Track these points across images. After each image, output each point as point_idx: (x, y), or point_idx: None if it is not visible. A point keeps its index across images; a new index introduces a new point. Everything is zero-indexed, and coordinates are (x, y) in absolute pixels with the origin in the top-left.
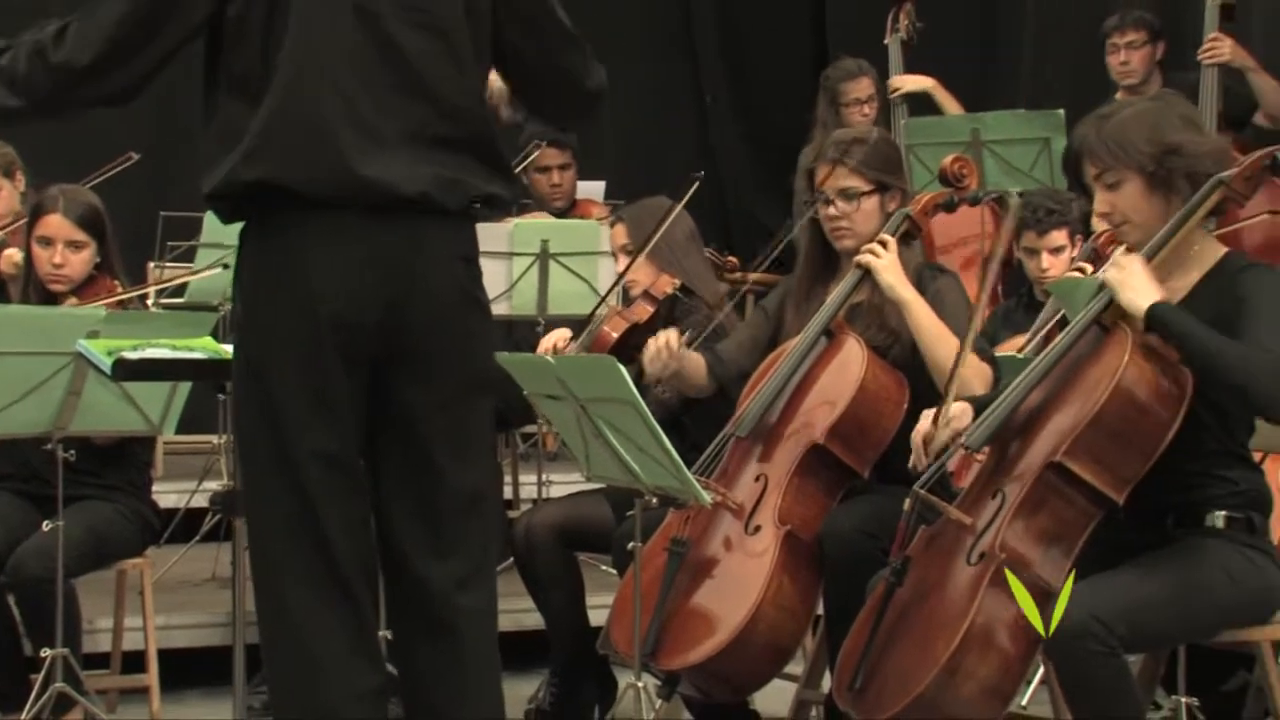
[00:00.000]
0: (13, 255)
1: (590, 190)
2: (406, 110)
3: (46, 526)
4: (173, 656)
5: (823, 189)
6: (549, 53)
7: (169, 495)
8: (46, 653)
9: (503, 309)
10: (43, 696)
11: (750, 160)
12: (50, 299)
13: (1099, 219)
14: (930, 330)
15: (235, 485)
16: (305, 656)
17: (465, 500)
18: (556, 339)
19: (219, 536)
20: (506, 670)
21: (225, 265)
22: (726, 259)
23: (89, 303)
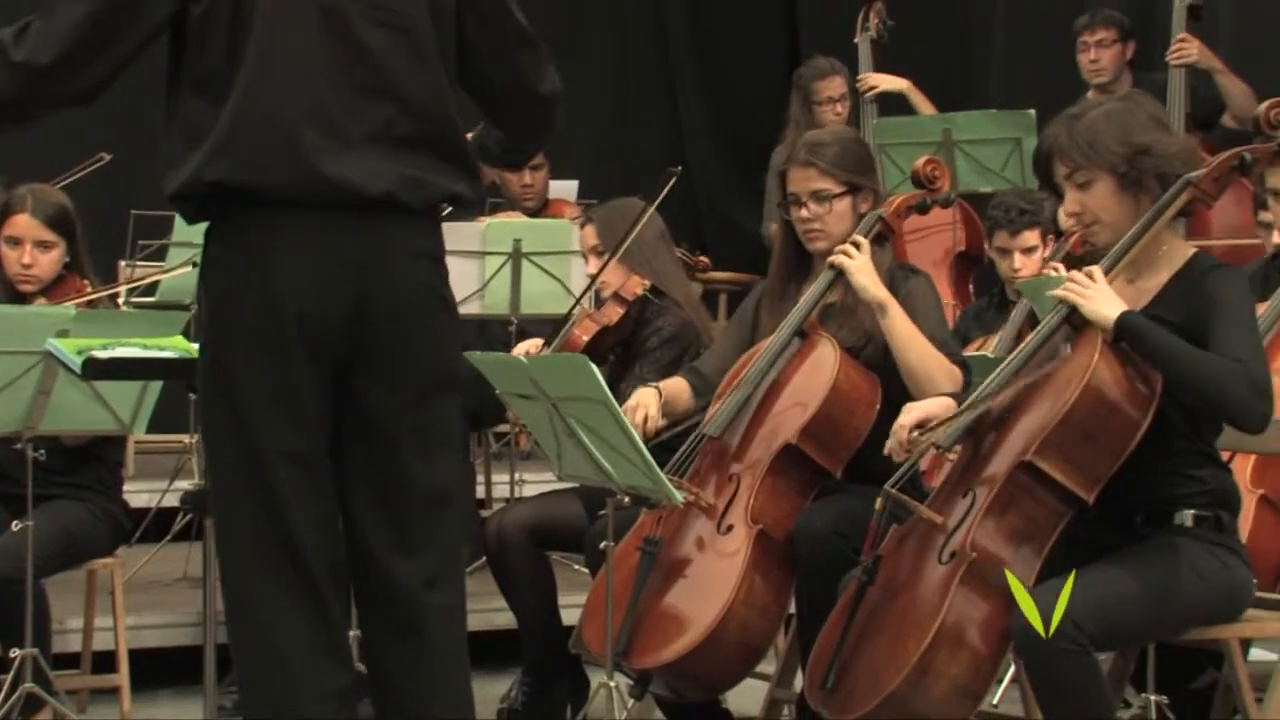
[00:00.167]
0: None
1: (563, 190)
2: (372, 109)
3: (16, 526)
4: (143, 656)
5: (794, 191)
6: (504, 53)
7: (140, 495)
8: (16, 653)
9: (475, 308)
10: (12, 697)
11: (723, 159)
12: (19, 299)
13: (1069, 218)
14: (903, 331)
15: (206, 485)
16: (272, 656)
17: (433, 498)
18: (529, 348)
19: (190, 536)
20: (478, 670)
21: (195, 264)
22: (698, 259)
23: (58, 303)
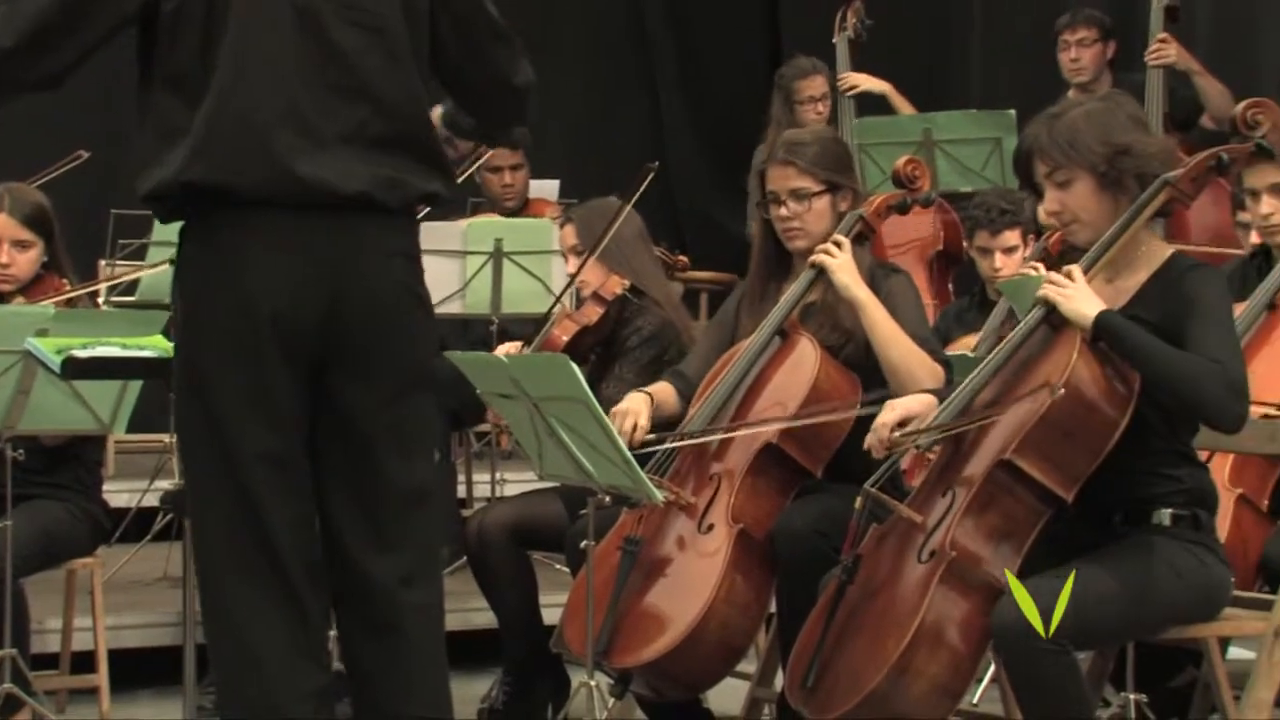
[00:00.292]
0: None
1: (544, 189)
2: (346, 110)
3: None
4: (123, 656)
5: (773, 189)
6: (478, 48)
7: (120, 494)
8: None
9: (456, 308)
10: None
11: (703, 158)
12: None
13: (1048, 217)
14: (884, 330)
15: (184, 485)
16: (248, 656)
17: (409, 497)
18: (509, 350)
19: (170, 536)
20: (458, 670)
21: (172, 263)
22: (677, 258)
23: (37, 302)
